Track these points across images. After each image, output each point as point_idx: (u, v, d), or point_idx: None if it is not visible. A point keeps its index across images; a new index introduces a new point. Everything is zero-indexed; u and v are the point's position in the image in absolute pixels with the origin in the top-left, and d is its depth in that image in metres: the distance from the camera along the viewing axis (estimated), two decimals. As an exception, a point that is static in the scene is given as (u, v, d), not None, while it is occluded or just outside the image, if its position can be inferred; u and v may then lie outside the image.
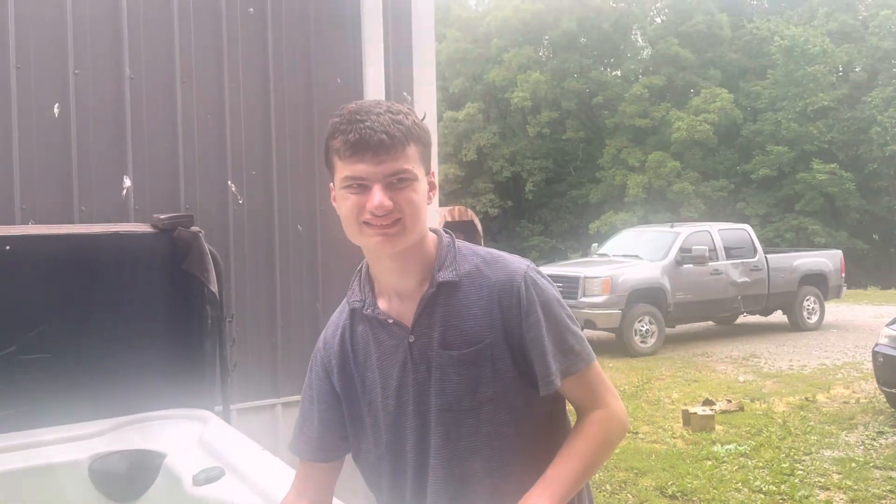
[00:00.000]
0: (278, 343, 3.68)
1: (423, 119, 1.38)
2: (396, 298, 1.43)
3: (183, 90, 3.45)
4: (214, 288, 2.41)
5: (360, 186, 1.30)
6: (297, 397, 3.66)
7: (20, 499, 1.93)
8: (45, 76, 3.15)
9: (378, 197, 1.28)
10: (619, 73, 31.49)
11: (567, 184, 30.72)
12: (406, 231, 1.32)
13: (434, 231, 1.47)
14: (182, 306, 2.45)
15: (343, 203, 1.33)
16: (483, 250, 1.47)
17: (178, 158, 3.43)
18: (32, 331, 2.20)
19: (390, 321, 1.41)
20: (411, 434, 1.42)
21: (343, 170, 1.31)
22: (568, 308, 1.44)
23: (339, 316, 1.53)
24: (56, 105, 3.17)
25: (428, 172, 1.38)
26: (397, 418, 1.42)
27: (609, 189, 28.61)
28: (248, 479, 1.74)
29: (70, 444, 2.05)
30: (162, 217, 2.50)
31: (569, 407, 1.50)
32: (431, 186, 1.41)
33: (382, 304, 1.44)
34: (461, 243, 1.47)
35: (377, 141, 1.28)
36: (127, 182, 3.30)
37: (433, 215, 4.01)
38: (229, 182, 3.57)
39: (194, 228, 2.49)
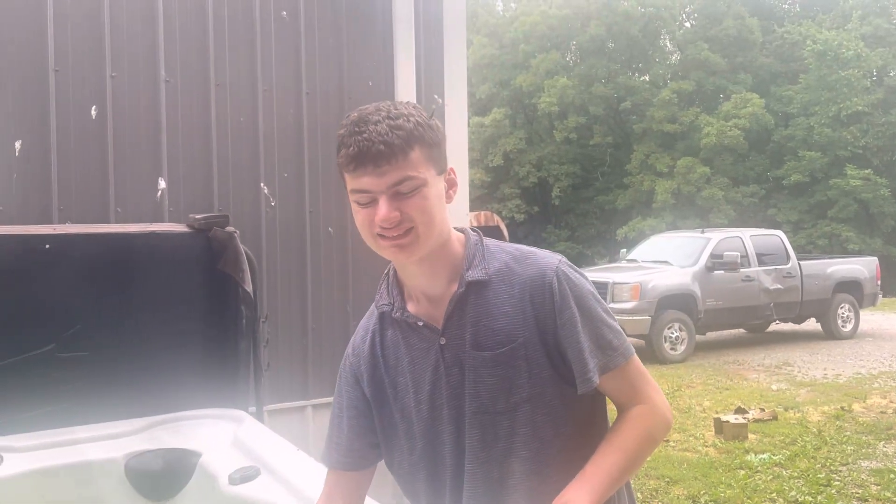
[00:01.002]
0: (309, 345, 3.69)
1: (430, 117, 1.32)
2: (426, 300, 1.40)
3: (217, 93, 3.48)
4: (249, 288, 2.42)
5: (368, 199, 1.27)
6: (328, 399, 3.66)
7: (58, 495, 1.95)
8: (83, 79, 3.20)
9: (384, 210, 1.25)
10: (647, 77, 31.24)
11: (594, 189, 30.52)
12: (420, 239, 1.29)
13: (461, 230, 1.44)
14: (217, 306, 2.46)
15: (356, 216, 1.31)
16: (512, 247, 1.43)
17: (211, 161, 3.46)
18: (70, 329, 2.22)
19: (420, 324, 1.38)
20: (447, 439, 1.38)
21: (350, 183, 1.29)
22: (604, 302, 1.40)
23: (367, 321, 1.50)
24: (93, 107, 3.21)
25: (442, 171, 1.33)
26: (431, 423, 1.39)
27: (637, 195, 28.37)
28: (284, 478, 1.74)
29: (106, 442, 2.07)
30: (198, 217, 2.52)
31: (610, 406, 1.46)
32: (451, 184, 1.36)
33: (411, 306, 1.41)
34: (489, 241, 1.43)
35: (376, 152, 1.24)
36: (162, 184, 3.33)
37: (461, 213, 3.99)
38: (262, 184, 3.59)
39: (229, 229, 2.51)
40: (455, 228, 1.44)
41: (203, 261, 2.43)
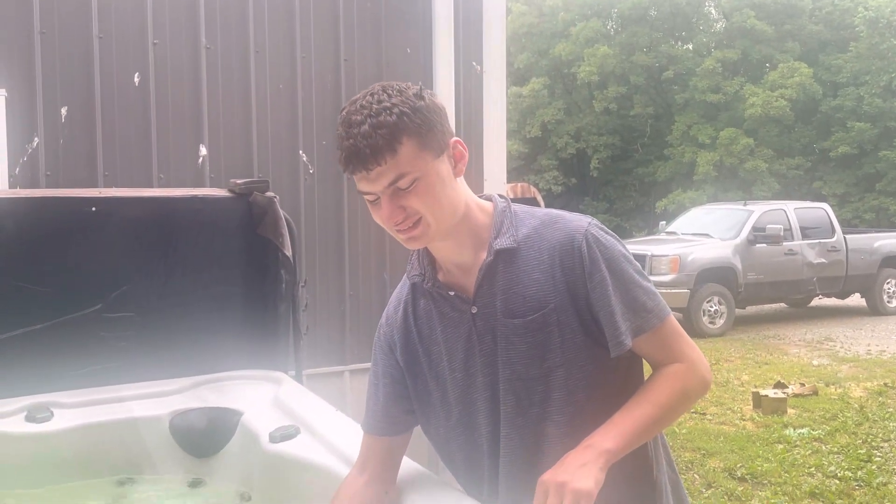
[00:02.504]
0: (346, 311, 3.73)
1: (418, 96, 1.27)
2: (456, 270, 1.40)
3: (256, 60, 3.50)
4: (289, 252, 2.45)
5: (374, 198, 1.28)
6: (365, 365, 3.71)
7: (106, 449, 2.02)
8: (126, 46, 3.24)
9: (386, 210, 1.26)
10: (690, 46, 30.51)
11: (633, 161, 30.07)
12: (431, 227, 1.29)
13: (488, 197, 1.43)
14: (257, 270, 2.50)
15: (372, 212, 1.32)
16: (541, 211, 1.41)
17: (251, 128, 3.49)
18: (116, 290, 2.28)
19: (451, 293, 1.38)
20: (482, 406, 1.39)
21: (356, 183, 1.30)
22: (636, 263, 1.37)
23: (400, 291, 1.51)
24: (136, 74, 3.26)
25: (442, 151, 1.29)
26: (466, 391, 1.40)
27: (677, 167, 27.87)
28: (324, 437, 1.77)
29: (151, 400, 2.14)
30: (238, 182, 2.56)
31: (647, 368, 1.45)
32: (458, 157, 1.33)
33: (442, 276, 1.41)
34: (518, 206, 1.42)
35: (363, 157, 1.22)
36: (203, 150, 3.38)
37: (499, 183, 3.96)
38: (301, 151, 3.61)
39: (269, 194, 2.54)
40: (481, 196, 1.43)
41: (243, 225, 2.47)
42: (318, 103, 3.65)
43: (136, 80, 3.26)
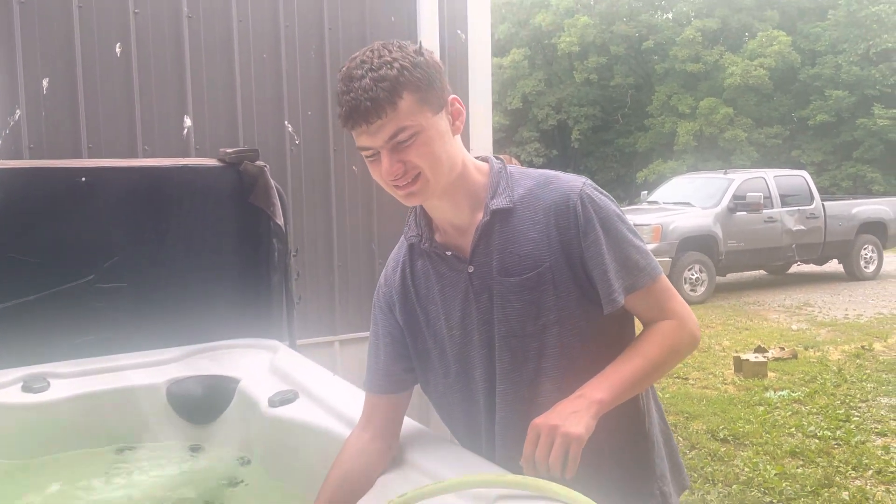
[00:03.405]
0: (335, 282, 3.74)
1: (418, 52, 1.29)
2: (452, 230, 1.42)
3: (240, 30, 3.46)
4: (281, 221, 2.45)
5: (373, 153, 1.29)
6: (354, 335, 3.74)
7: (104, 418, 2.04)
8: (107, 15, 3.18)
9: (386, 164, 1.27)
10: (670, 15, 30.43)
11: (614, 132, 30.12)
12: (430, 182, 1.30)
13: (484, 158, 1.45)
14: (248, 239, 2.50)
15: (370, 169, 1.34)
16: (536, 172, 1.44)
17: (235, 98, 3.46)
18: (108, 260, 2.28)
19: (448, 253, 1.41)
20: (478, 362, 1.42)
21: (355, 140, 1.31)
22: (629, 222, 1.40)
23: (397, 252, 1.53)
24: (118, 44, 3.21)
25: (441, 107, 1.31)
26: (463, 348, 1.43)
27: (658, 137, 27.98)
28: (322, 401, 1.80)
29: (147, 369, 2.14)
30: (228, 151, 2.54)
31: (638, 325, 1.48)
32: (456, 115, 1.35)
33: (439, 237, 1.44)
34: (513, 168, 1.44)
35: (364, 109, 1.23)
36: (187, 121, 3.35)
37: (486, 153, 3.97)
38: (286, 122, 3.59)
39: (259, 163, 2.53)
40: (478, 157, 1.45)
41: (234, 194, 2.47)
42: (302, 73, 3.62)
43: (118, 50, 3.21)
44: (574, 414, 1.24)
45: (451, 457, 1.37)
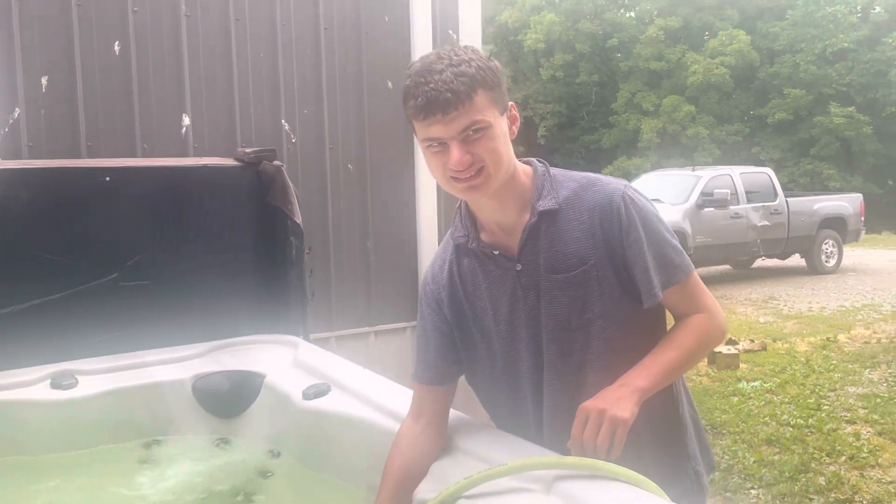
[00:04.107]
0: (332, 279, 3.77)
1: (489, 58, 1.39)
2: (499, 230, 1.50)
3: (237, 28, 3.47)
4: (299, 220, 2.50)
5: (440, 145, 1.36)
6: (352, 330, 3.79)
7: (132, 413, 2.06)
8: (105, 14, 3.17)
9: (456, 154, 1.35)
10: (633, 14, 30.86)
11: (580, 129, 30.44)
12: (491, 177, 1.39)
13: (527, 161, 1.53)
14: (267, 237, 2.54)
15: (430, 161, 1.41)
16: (578, 175, 1.53)
17: (233, 97, 3.47)
18: (132, 259, 2.30)
19: (496, 252, 1.49)
20: (525, 355, 1.50)
21: (421, 131, 1.38)
22: (666, 223, 1.50)
23: (444, 251, 1.60)
24: (116, 43, 3.21)
25: (504, 110, 1.42)
26: (511, 342, 1.51)
27: (622, 134, 28.37)
28: (356, 392, 1.85)
29: (172, 365, 2.18)
30: (248, 151, 2.58)
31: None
32: (513, 120, 1.45)
33: (485, 236, 1.51)
34: (555, 170, 1.53)
35: (444, 100, 1.32)
36: (186, 120, 3.35)
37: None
38: (283, 121, 3.61)
39: (277, 162, 2.56)
40: (520, 160, 1.53)
41: (252, 193, 2.50)
42: (298, 72, 3.65)
43: (117, 48, 3.21)
44: (619, 400, 1.33)
45: (501, 442, 1.45)
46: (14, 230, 2.19)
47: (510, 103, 1.45)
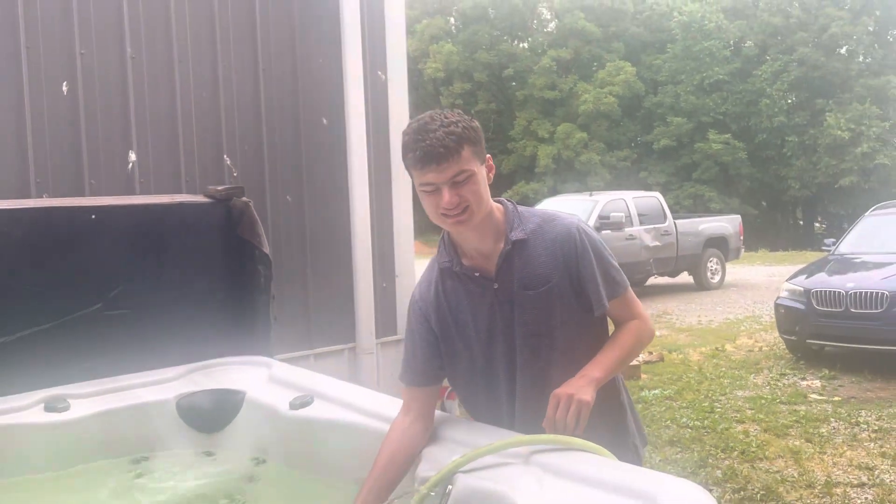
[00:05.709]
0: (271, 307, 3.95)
1: (471, 120, 1.74)
2: (478, 256, 1.83)
3: (180, 70, 3.65)
4: (268, 250, 2.71)
5: (433, 189, 1.69)
6: (290, 354, 3.96)
7: (121, 432, 2.21)
8: (54, 56, 3.29)
9: (447, 197, 1.68)
10: (527, 45, 32.21)
11: (479, 154, 31.29)
12: (474, 214, 1.72)
13: (499, 201, 1.88)
14: (236, 267, 2.73)
15: (424, 201, 1.74)
16: (538, 210, 1.90)
17: (177, 134, 3.64)
18: (114, 290, 2.45)
19: (476, 274, 1.82)
20: (501, 358, 1.84)
21: (418, 178, 1.71)
22: (608, 248, 1.88)
23: (430, 273, 1.92)
24: (65, 83, 3.32)
25: (483, 162, 1.76)
26: (489, 348, 1.84)
27: (520, 160, 29.47)
28: (339, 400, 2.09)
29: (155, 386, 2.33)
30: (218, 189, 2.77)
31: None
32: (489, 168, 1.80)
33: (466, 261, 1.84)
34: (521, 208, 1.89)
35: (438, 154, 1.65)
36: (132, 157, 3.49)
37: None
38: (225, 156, 3.80)
39: (245, 199, 2.78)
40: (493, 200, 1.87)
41: (222, 227, 2.70)
42: (239, 110, 3.84)
43: (65, 89, 3.32)
44: (582, 387, 1.70)
45: (481, 430, 1.75)
46: (6, 266, 2.31)
47: (488, 155, 1.80)
